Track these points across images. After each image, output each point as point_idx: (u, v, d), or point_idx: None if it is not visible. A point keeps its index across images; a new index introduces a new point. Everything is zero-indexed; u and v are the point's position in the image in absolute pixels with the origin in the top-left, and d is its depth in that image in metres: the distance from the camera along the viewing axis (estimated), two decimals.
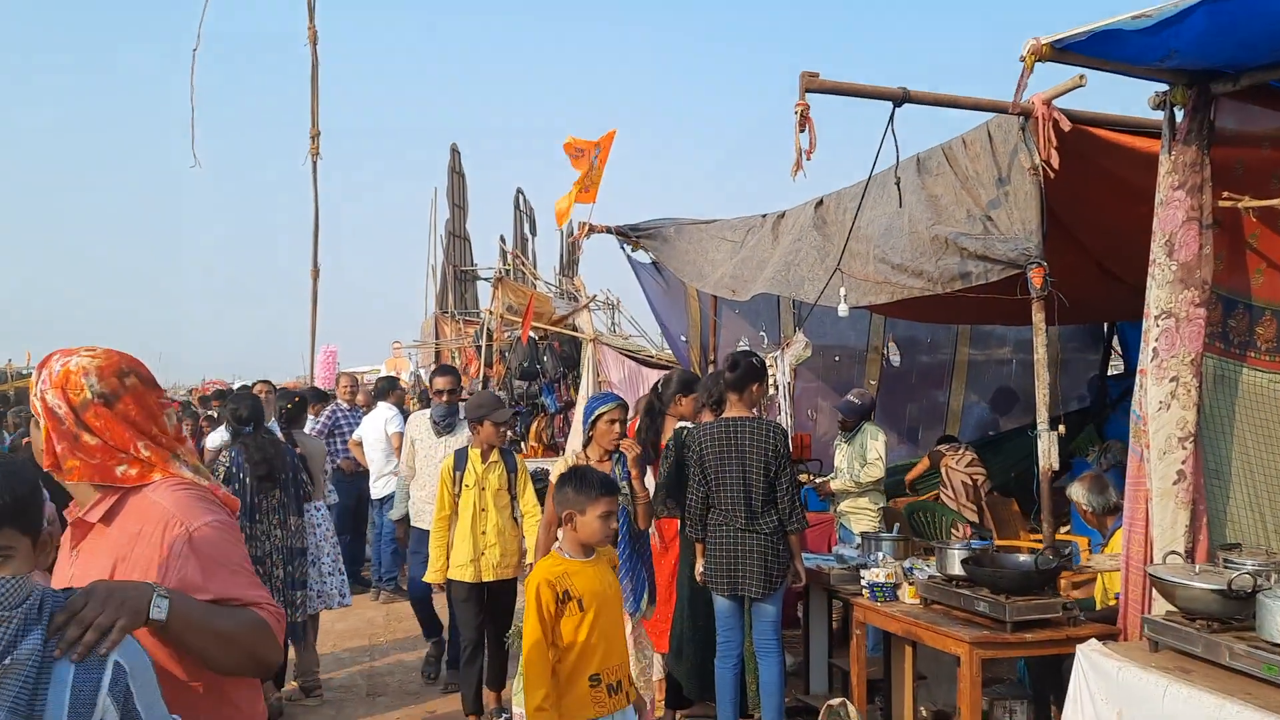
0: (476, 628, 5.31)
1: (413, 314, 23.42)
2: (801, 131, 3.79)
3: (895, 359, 8.69)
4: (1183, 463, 3.52)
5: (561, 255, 24.96)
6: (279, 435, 6.15)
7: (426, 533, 5.71)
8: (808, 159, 3.80)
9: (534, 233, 24.19)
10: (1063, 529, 6.59)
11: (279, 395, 6.92)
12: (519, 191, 23.96)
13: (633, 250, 7.78)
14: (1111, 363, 9.68)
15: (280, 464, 5.52)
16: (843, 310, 4.86)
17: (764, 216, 6.81)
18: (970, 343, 9.02)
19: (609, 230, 7.67)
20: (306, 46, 10.40)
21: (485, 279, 21.18)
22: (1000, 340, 9.24)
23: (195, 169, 10.16)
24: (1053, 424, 4.29)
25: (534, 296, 11.89)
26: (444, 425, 6.09)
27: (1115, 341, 9.45)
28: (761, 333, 8.22)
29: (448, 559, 5.29)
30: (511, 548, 5.31)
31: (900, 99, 3.97)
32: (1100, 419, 9.23)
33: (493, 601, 5.36)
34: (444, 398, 6.09)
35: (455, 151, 22.76)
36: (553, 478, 4.26)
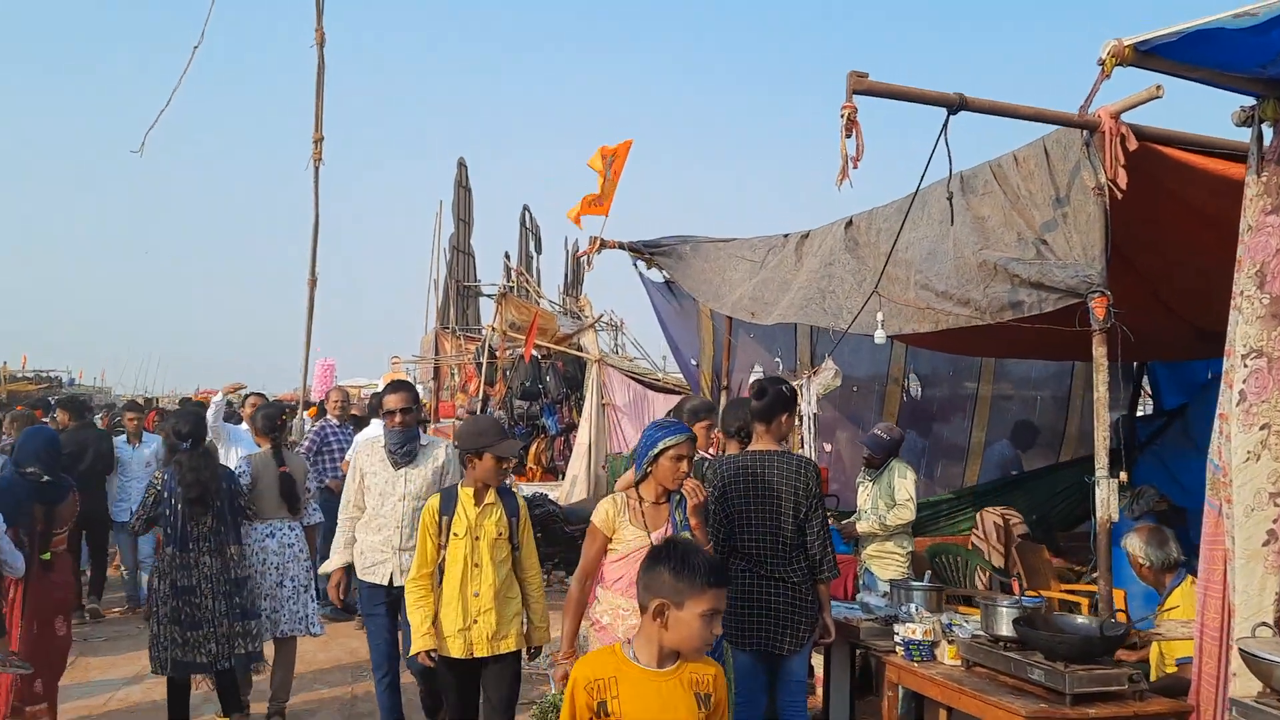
0: (468, 714, 4.29)
1: (413, 329, 23.04)
2: (848, 136, 3.40)
3: (915, 391, 8.29)
4: (1274, 521, 3.12)
5: (566, 274, 24.76)
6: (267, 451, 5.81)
7: (382, 589, 4.92)
8: (855, 166, 3.42)
9: (539, 250, 23.95)
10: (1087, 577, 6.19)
11: (262, 409, 6.50)
12: (525, 208, 23.74)
13: (646, 268, 7.40)
14: (1139, 402, 9.29)
15: (215, 487, 5.18)
16: (879, 337, 4.46)
17: (785, 236, 6.45)
18: (993, 376, 8.62)
19: (621, 246, 7.30)
20: (313, 48, 9.91)
21: (488, 295, 20.83)
22: (1024, 374, 8.83)
23: (136, 154, 9.65)
24: (1112, 468, 3.89)
25: (538, 313, 11.52)
26: (402, 455, 4.95)
27: (1145, 381, 9.05)
28: (777, 359, 7.83)
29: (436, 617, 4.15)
30: (511, 613, 4.16)
31: (956, 106, 3.59)
32: (1128, 463, 8.82)
33: (489, 682, 4.19)
34: (397, 420, 4.92)
35: (462, 165, 22.48)
36: (595, 519, 3.72)
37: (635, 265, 7.43)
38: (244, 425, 7.75)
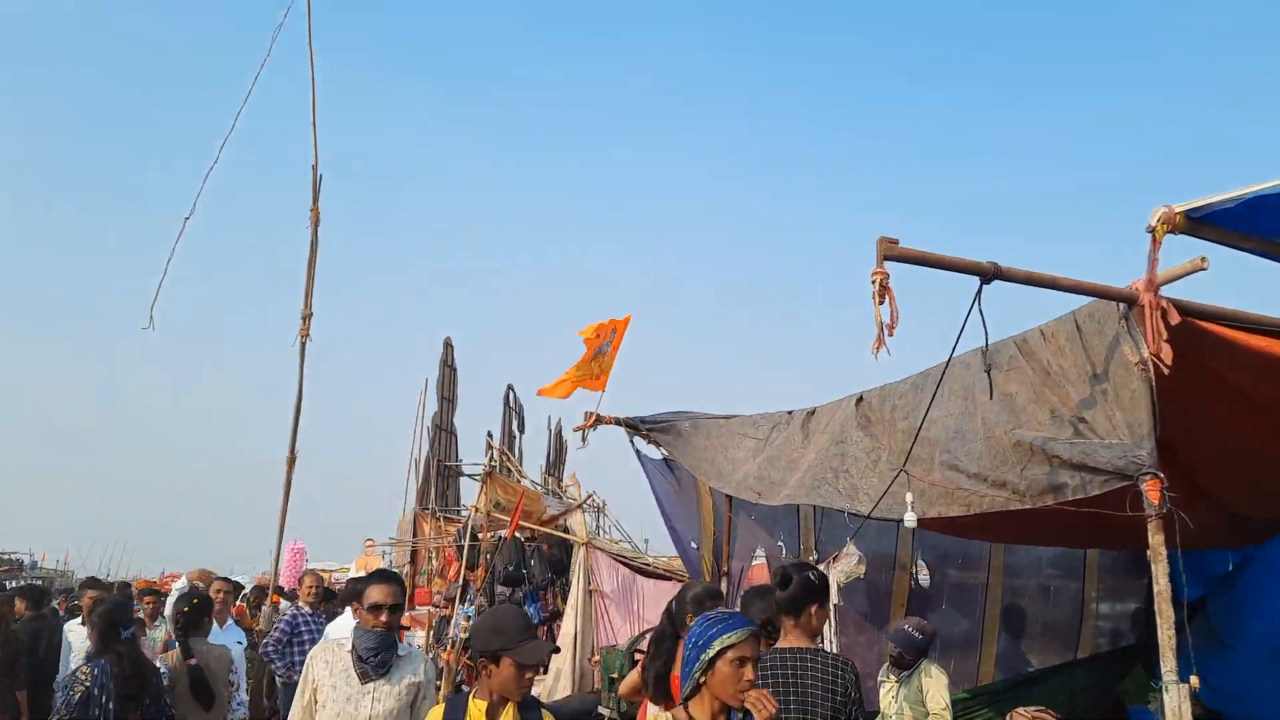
0: None
1: (387, 509, 22.41)
2: (881, 303, 3.18)
3: (924, 579, 7.85)
4: None
5: (549, 454, 24.43)
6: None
7: None
8: (890, 334, 3.18)
9: (522, 430, 23.68)
10: None
11: (181, 598, 5.94)
12: (510, 388, 23.64)
13: (645, 444, 7.10)
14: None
15: (151, 684, 4.73)
16: (910, 520, 4.12)
17: (790, 413, 6.22)
18: (1003, 564, 8.21)
19: (618, 421, 7.04)
20: (308, 227, 9.97)
21: (470, 475, 20.39)
22: (1034, 562, 8.44)
23: (148, 330, 9.52)
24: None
25: (524, 493, 11.10)
26: (375, 664, 3.98)
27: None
28: (780, 542, 7.43)
29: None
30: None
31: (990, 275, 3.41)
32: (1149, 658, 8.31)
33: None
34: (383, 619, 3.97)
35: (448, 344, 22.53)
36: None
37: (632, 441, 7.15)
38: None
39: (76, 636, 7.85)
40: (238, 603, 12.65)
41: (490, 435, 21.22)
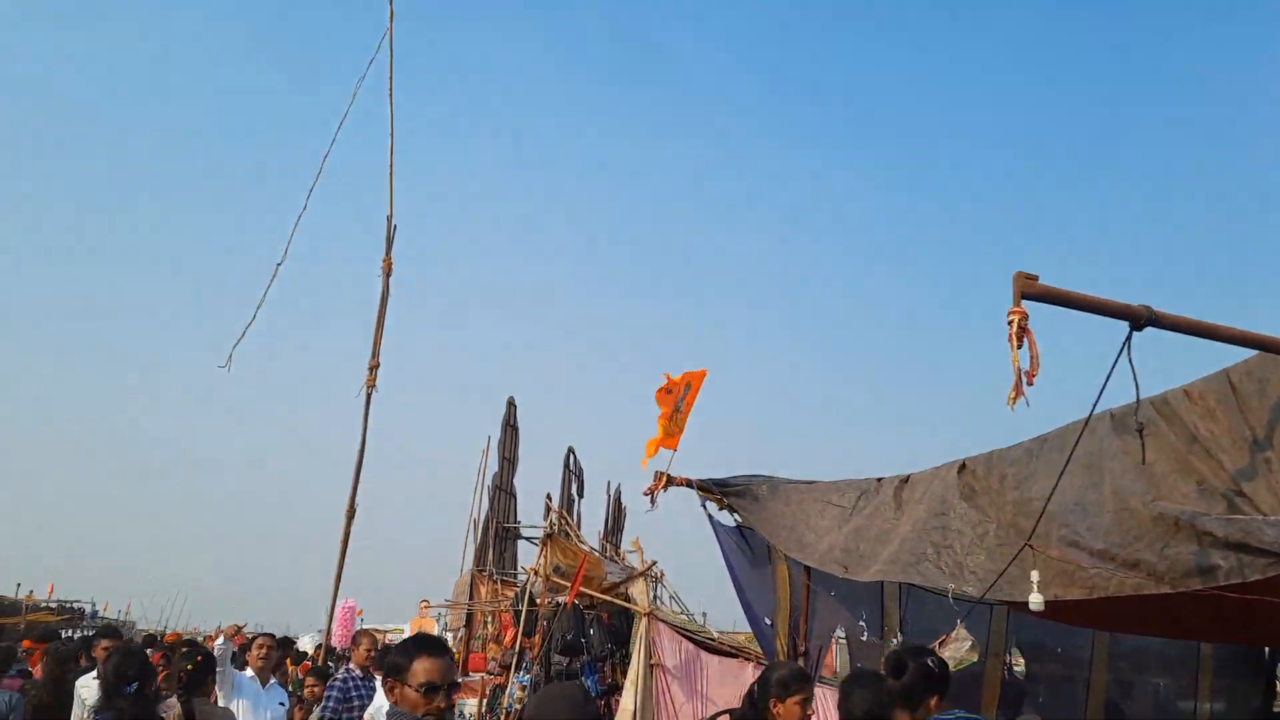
0: None
1: (443, 570, 22.07)
2: (1019, 347, 2.76)
3: (1019, 668, 7.20)
4: None
5: (607, 519, 23.95)
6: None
7: None
8: (1029, 383, 2.75)
9: (581, 494, 23.28)
10: None
11: (184, 655, 5.60)
12: (570, 450, 23.30)
13: (717, 509, 6.65)
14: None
15: None
16: (1036, 603, 3.60)
17: (879, 480, 5.75)
18: (1108, 654, 7.52)
19: (690, 484, 6.60)
20: (379, 276, 9.82)
21: (528, 538, 19.98)
22: (1143, 652, 7.72)
23: (223, 370, 9.38)
24: None
25: (586, 558, 10.64)
26: None
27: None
28: (861, 621, 6.88)
29: None
30: None
31: (1143, 320, 2.97)
32: None
33: None
34: (438, 702, 3.15)
35: (511, 404, 22.34)
36: None
37: (704, 505, 6.71)
38: (249, 671, 6.84)
39: (89, 691, 7.54)
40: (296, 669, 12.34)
41: (550, 497, 20.89)
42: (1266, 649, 7.75)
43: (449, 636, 18.21)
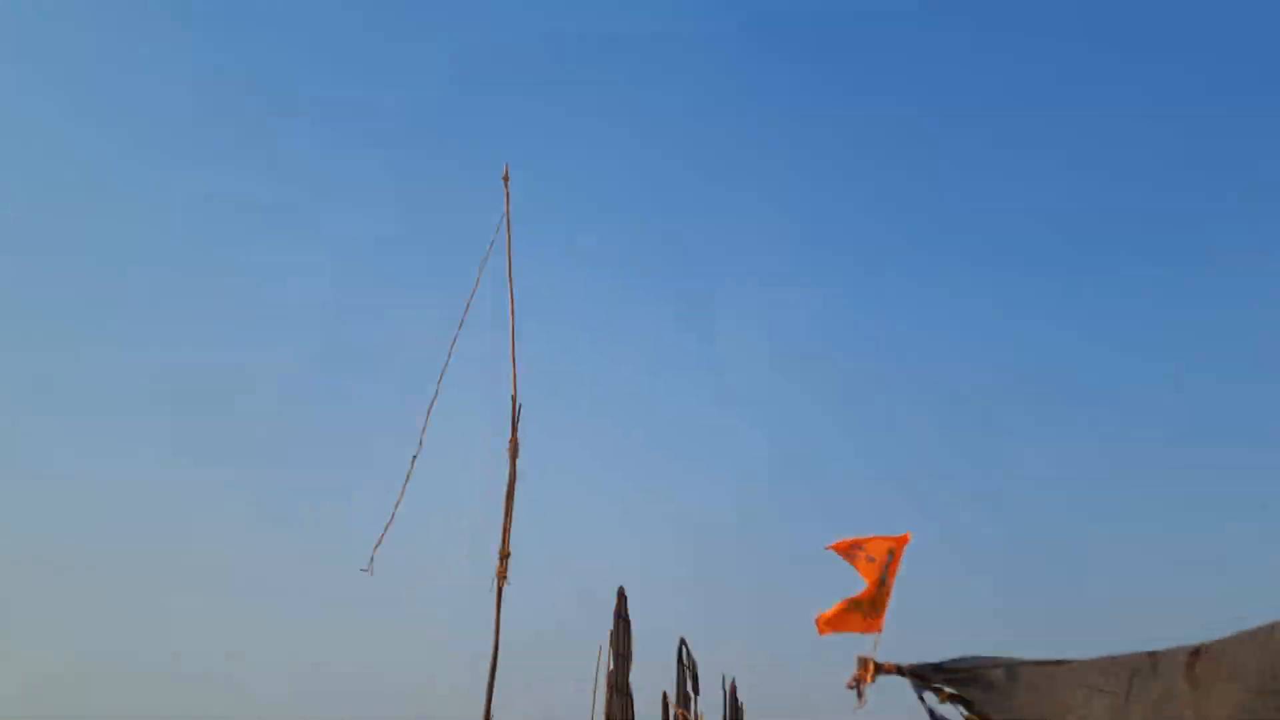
0: None
1: None
2: None
3: None
4: None
5: (724, 718, 22.22)
6: None
7: None
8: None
9: (696, 691, 21.77)
10: None
11: None
12: (682, 642, 21.97)
13: (939, 701, 5.63)
14: None
15: None
16: None
17: (1151, 654, 4.76)
18: None
19: (901, 670, 5.66)
20: (505, 457, 9.37)
21: None
22: None
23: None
24: None
25: None
26: None
27: None
28: None
29: None
30: None
31: None
32: None
33: None
34: None
35: (622, 595, 21.27)
36: None
37: (921, 697, 5.69)
38: None
39: None
40: None
41: (665, 695, 19.50)
42: None
43: None
